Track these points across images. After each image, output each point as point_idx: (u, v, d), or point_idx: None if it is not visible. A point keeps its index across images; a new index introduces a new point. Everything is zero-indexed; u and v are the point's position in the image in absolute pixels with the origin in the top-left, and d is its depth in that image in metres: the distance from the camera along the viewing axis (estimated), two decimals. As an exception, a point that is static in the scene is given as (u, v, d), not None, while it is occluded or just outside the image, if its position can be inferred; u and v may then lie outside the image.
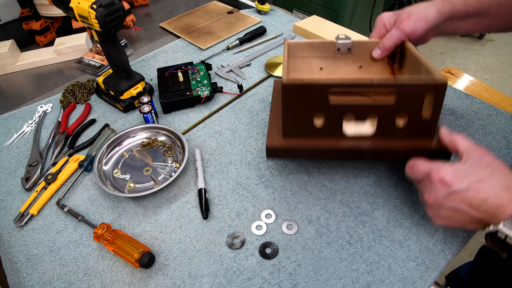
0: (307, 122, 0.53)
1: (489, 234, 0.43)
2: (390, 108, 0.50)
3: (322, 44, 0.67)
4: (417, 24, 0.60)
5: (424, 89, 0.49)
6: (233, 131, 0.72)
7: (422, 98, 0.49)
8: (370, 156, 0.54)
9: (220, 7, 1.14)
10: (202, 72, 0.82)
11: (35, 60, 0.95)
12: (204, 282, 0.50)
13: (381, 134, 0.53)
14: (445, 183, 0.45)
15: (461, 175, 0.44)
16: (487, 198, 0.42)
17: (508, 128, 0.68)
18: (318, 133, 0.54)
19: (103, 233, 0.53)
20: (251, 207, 0.59)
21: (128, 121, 0.77)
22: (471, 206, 0.44)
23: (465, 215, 0.44)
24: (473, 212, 0.44)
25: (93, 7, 0.63)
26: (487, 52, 2.58)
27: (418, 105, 0.50)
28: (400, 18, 0.61)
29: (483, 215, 0.43)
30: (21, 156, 0.71)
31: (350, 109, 0.51)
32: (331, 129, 0.53)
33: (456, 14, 0.60)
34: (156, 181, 0.63)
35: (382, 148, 0.53)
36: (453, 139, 0.49)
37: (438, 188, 0.45)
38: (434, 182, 0.46)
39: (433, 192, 0.46)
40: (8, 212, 0.61)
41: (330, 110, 0.51)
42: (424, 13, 0.60)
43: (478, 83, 1.28)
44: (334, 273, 0.50)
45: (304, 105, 0.51)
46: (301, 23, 0.99)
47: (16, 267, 0.54)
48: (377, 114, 0.52)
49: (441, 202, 0.45)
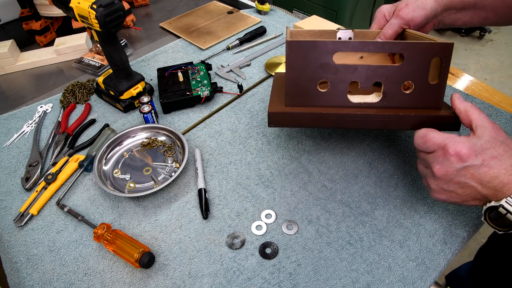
0: (311, 88, 0.50)
1: (489, 210, 0.43)
2: (396, 71, 0.49)
3: (323, 32, 0.67)
4: (415, 12, 0.61)
5: (430, 49, 0.48)
6: (233, 131, 0.72)
7: (429, 60, 0.48)
8: (377, 126, 0.51)
9: (220, 7, 1.14)
10: (202, 72, 0.82)
11: (35, 60, 0.95)
12: (204, 282, 0.50)
13: (387, 102, 0.51)
14: (461, 157, 0.44)
15: (477, 150, 0.44)
16: (498, 175, 0.42)
17: (508, 128, 0.68)
18: (322, 101, 0.51)
19: (103, 233, 0.53)
20: (251, 207, 0.59)
21: (128, 121, 0.77)
22: (480, 182, 0.44)
23: (470, 190, 0.45)
24: (480, 187, 0.44)
25: (93, 7, 0.63)
26: (487, 52, 2.58)
27: (425, 69, 0.48)
28: (399, 7, 0.62)
29: (488, 192, 0.43)
30: (21, 156, 0.71)
31: (356, 72, 0.49)
32: (336, 96, 0.50)
33: (453, 4, 0.61)
34: (156, 181, 0.63)
35: (389, 115, 0.50)
36: (467, 109, 0.48)
37: (452, 161, 0.44)
38: (449, 155, 0.44)
39: (445, 164, 0.45)
40: (8, 212, 0.61)
41: (334, 73, 0.49)
42: (422, 2, 0.61)
43: (478, 83, 1.27)
44: (334, 273, 0.50)
45: (308, 67, 0.49)
46: (301, 23, 0.99)
47: (16, 267, 0.54)
48: (383, 80, 0.50)
49: (452, 175, 0.45)
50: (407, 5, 0.61)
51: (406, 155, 0.65)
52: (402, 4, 0.62)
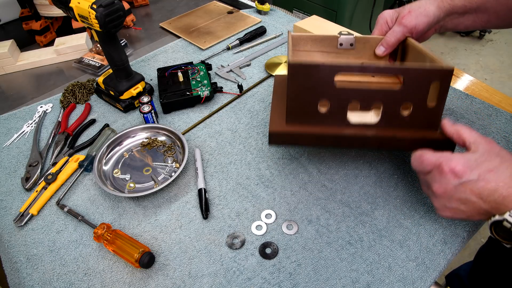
0: (312, 107, 0.51)
1: (494, 224, 0.43)
2: (396, 94, 0.50)
3: (325, 38, 0.67)
4: (418, 19, 0.60)
5: (430, 74, 0.48)
6: (233, 131, 0.72)
7: (428, 84, 0.49)
8: (375, 146, 0.53)
9: (220, 7, 1.14)
10: (202, 72, 0.82)
11: (35, 60, 0.95)
12: (204, 282, 0.50)
13: (385, 123, 0.52)
14: (456, 174, 0.44)
15: (471, 165, 0.44)
16: (496, 188, 0.42)
17: (508, 128, 0.68)
18: (322, 120, 0.52)
19: (103, 233, 0.53)
20: (251, 207, 0.59)
21: (128, 121, 0.77)
22: (480, 197, 0.43)
23: (472, 206, 0.44)
24: (481, 203, 0.44)
25: (93, 7, 0.63)
26: (487, 52, 2.58)
27: (424, 92, 0.49)
28: (402, 14, 0.62)
29: (490, 206, 0.43)
30: (21, 156, 0.71)
31: (356, 94, 0.50)
32: (336, 116, 0.52)
33: (455, 9, 0.61)
34: (156, 181, 0.63)
35: (387, 136, 0.51)
36: (458, 130, 0.49)
37: (448, 179, 0.45)
38: (445, 173, 0.45)
39: (443, 183, 0.46)
40: (8, 212, 0.61)
41: (335, 95, 0.50)
42: (424, 9, 0.61)
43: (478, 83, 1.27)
44: (334, 273, 0.50)
45: (309, 88, 0.50)
46: (301, 23, 0.99)
47: (16, 267, 0.54)
48: (383, 101, 0.51)
49: (451, 193, 0.45)
50: (410, 12, 0.61)
51: (406, 155, 0.65)
52: (405, 11, 0.61)
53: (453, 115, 0.72)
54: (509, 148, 0.64)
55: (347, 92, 0.50)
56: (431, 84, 0.49)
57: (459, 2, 0.61)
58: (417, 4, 0.62)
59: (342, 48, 0.67)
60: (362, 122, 0.52)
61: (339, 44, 0.67)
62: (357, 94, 0.50)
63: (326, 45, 0.67)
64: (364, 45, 0.67)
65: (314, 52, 0.68)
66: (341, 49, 0.67)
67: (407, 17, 0.61)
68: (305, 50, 0.68)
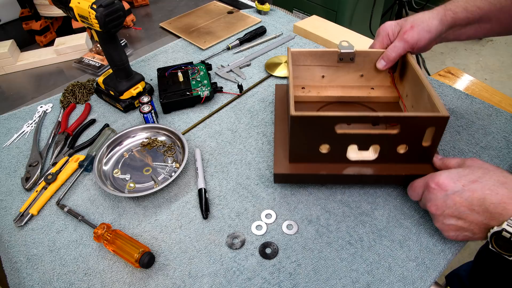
0: (313, 149, 0.55)
1: (494, 236, 0.42)
2: (393, 137, 0.53)
3: (325, 53, 0.67)
4: (420, 35, 0.60)
5: (427, 121, 0.50)
6: (233, 131, 0.72)
7: (424, 129, 0.51)
8: (372, 182, 0.58)
9: (220, 7, 1.14)
10: (202, 72, 0.82)
11: (35, 60, 0.95)
12: (204, 282, 0.50)
13: (382, 160, 0.56)
14: (440, 186, 0.46)
15: (454, 177, 0.46)
16: (484, 197, 0.43)
17: (508, 128, 0.68)
18: (323, 159, 0.56)
19: (103, 233, 0.53)
20: (251, 207, 0.59)
21: (128, 121, 0.77)
22: (471, 208, 0.44)
23: (469, 220, 0.45)
24: (475, 214, 0.44)
25: (93, 7, 0.63)
26: (487, 52, 2.58)
27: (419, 136, 0.52)
28: (404, 29, 0.61)
29: (485, 216, 0.43)
30: (21, 156, 0.71)
31: (355, 138, 0.53)
32: (336, 155, 0.56)
33: (458, 22, 0.60)
34: (156, 181, 0.63)
35: (383, 175, 0.56)
36: (444, 161, 0.52)
37: (436, 194, 0.47)
38: (432, 189, 0.47)
39: (433, 199, 0.47)
40: (8, 212, 0.61)
41: (335, 139, 0.53)
42: (427, 24, 0.60)
43: (478, 83, 1.28)
44: (334, 273, 0.50)
45: (311, 134, 0.53)
46: (301, 23, 0.99)
47: (16, 267, 0.54)
48: (380, 144, 0.54)
49: (443, 208, 0.46)
50: (412, 28, 0.60)
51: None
52: (407, 26, 0.60)
53: (453, 115, 0.72)
54: (509, 148, 0.64)
55: (346, 137, 0.53)
56: (427, 129, 0.51)
57: (461, 14, 0.59)
58: (420, 19, 0.60)
59: (342, 62, 0.68)
60: (361, 158, 0.56)
61: (338, 58, 0.68)
62: (356, 138, 0.53)
63: (326, 59, 0.68)
64: (364, 59, 0.67)
65: (314, 66, 0.69)
66: (341, 63, 0.68)
67: (409, 32, 0.60)
68: (305, 65, 0.69)
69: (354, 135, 0.53)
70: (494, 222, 0.43)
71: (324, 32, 0.94)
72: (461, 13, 0.59)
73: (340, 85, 0.71)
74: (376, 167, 0.56)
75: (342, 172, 0.56)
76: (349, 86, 0.71)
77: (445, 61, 2.52)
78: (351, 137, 0.53)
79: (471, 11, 0.59)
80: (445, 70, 1.32)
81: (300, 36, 0.98)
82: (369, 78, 0.70)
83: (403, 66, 0.66)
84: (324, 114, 0.50)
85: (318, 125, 0.52)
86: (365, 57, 0.67)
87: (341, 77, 0.70)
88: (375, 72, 0.69)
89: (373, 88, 0.70)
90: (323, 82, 0.72)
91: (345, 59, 0.67)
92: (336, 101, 0.70)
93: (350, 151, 0.55)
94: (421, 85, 0.57)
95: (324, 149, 0.55)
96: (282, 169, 0.57)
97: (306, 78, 0.71)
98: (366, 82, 0.71)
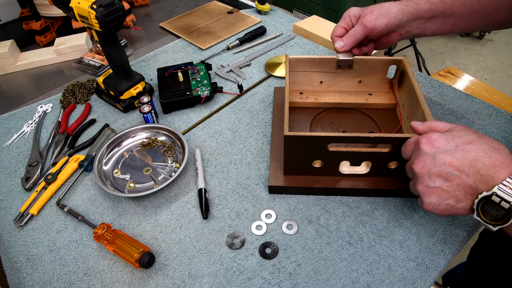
0: (307, 164, 0.57)
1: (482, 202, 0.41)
2: (384, 155, 0.54)
3: (323, 60, 0.68)
4: (378, 20, 0.60)
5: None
6: (233, 131, 0.72)
7: None
8: (363, 194, 0.59)
9: (220, 7, 1.14)
10: (202, 72, 0.82)
11: (35, 60, 0.95)
12: (204, 282, 0.50)
13: (375, 173, 0.58)
14: (432, 143, 0.44)
15: (447, 137, 0.44)
16: (477, 158, 0.41)
17: (508, 128, 0.68)
18: (317, 172, 0.58)
19: (103, 233, 0.53)
20: (251, 207, 0.59)
21: (128, 121, 0.77)
22: (461, 170, 0.41)
23: (456, 183, 0.42)
24: (464, 176, 0.41)
25: (93, 7, 0.63)
26: (487, 52, 2.58)
27: None
28: (363, 14, 0.62)
29: (474, 179, 0.41)
30: (21, 156, 0.71)
31: (347, 156, 0.55)
32: (329, 169, 0.58)
33: (421, 14, 0.61)
34: (156, 181, 0.63)
35: (374, 189, 0.58)
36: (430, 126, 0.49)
37: (425, 151, 0.44)
38: (422, 144, 0.45)
39: (421, 156, 0.45)
40: (8, 212, 0.61)
41: (328, 156, 0.55)
42: (385, 10, 0.61)
43: (478, 83, 1.28)
44: (334, 273, 0.50)
45: (304, 151, 0.55)
46: (301, 23, 0.99)
47: (16, 267, 0.54)
48: (372, 160, 0.55)
49: (430, 166, 0.43)
50: (372, 13, 0.61)
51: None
52: (367, 11, 0.62)
53: (453, 115, 0.72)
54: (509, 148, 0.64)
55: (339, 154, 0.55)
56: None
57: (424, 6, 0.60)
58: (380, 5, 0.62)
59: (340, 69, 0.68)
60: (353, 172, 0.58)
61: (337, 66, 0.68)
62: (348, 155, 0.55)
63: (324, 66, 0.69)
64: (362, 66, 0.68)
65: (312, 72, 0.70)
66: (339, 69, 0.69)
67: (368, 16, 0.61)
68: (303, 71, 0.70)
69: (346, 153, 0.55)
70: (483, 187, 0.41)
71: (324, 32, 0.94)
72: (424, 4, 0.60)
73: (338, 90, 0.72)
74: (369, 180, 0.58)
75: (335, 186, 0.58)
76: (347, 91, 0.72)
77: (445, 61, 2.52)
78: (343, 154, 0.55)
79: (434, 3, 0.60)
80: (445, 70, 1.32)
81: (300, 36, 0.98)
82: (367, 84, 0.71)
83: (401, 74, 0.67)
84: (317, 134, 0.52)
85: (311, 143, 0.53)
86: (363, 64, 0.68)
87: (339, 82, 0.71)
88: (372, 78, 0.70)
89: (371, 94, 0.71)
90: (321, 87, 0.72)
91: (343, 66, 0.68)
92: (333, 107, 0.70)
93: (343, 165, 0.58)
94: (416, 100, 0.58)
95: (317, 163, 0.57)
96: (277, 181, 0.59)
97: (304, 83, 0.72)
98: (364, 88, 0.71)
